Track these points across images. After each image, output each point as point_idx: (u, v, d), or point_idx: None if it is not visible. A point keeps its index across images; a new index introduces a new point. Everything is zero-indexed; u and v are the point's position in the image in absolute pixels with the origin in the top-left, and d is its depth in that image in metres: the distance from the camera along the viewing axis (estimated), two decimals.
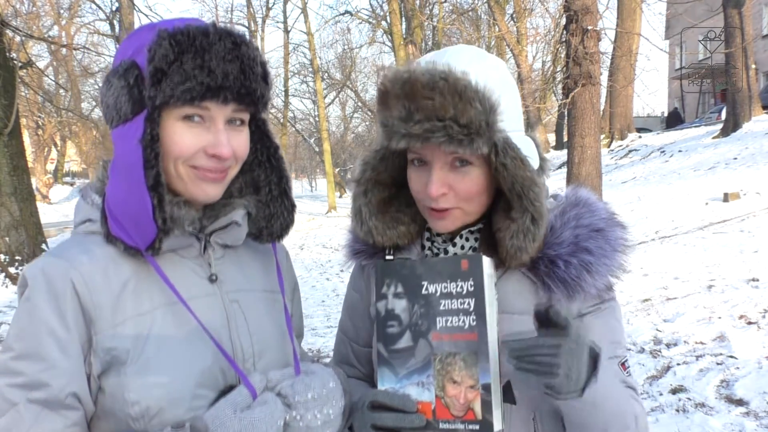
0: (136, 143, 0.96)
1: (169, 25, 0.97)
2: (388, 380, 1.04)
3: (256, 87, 1.01)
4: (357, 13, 28.00)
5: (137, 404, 0.95)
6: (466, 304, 0.99)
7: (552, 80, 22.01)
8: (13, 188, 8.43)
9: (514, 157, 1.02)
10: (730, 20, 14.56)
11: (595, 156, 8.33)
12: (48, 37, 19.42)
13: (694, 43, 27.25)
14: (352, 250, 1.29)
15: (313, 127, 36.51)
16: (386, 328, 1.06)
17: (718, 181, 10.40)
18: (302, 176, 60.59)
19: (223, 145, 1.00)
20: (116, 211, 0.99)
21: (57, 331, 0.94)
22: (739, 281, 5.32)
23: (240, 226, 1.10)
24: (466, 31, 22.46)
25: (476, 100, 0.98)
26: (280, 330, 1.15)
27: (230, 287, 1.10)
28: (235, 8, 50.24)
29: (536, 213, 1.03)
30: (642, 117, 32.79)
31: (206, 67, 0.95)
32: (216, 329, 1.04)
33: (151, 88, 0.95)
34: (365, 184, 1.18)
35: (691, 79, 28.13)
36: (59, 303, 0.95)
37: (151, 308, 1.00)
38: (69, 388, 0.94)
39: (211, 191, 1.04)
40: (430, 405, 1.00)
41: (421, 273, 1.04)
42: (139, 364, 0.97)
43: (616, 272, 1.09)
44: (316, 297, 8.40)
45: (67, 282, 0.96)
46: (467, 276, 0.99)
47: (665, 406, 3.63)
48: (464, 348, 0.98)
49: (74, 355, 0.95)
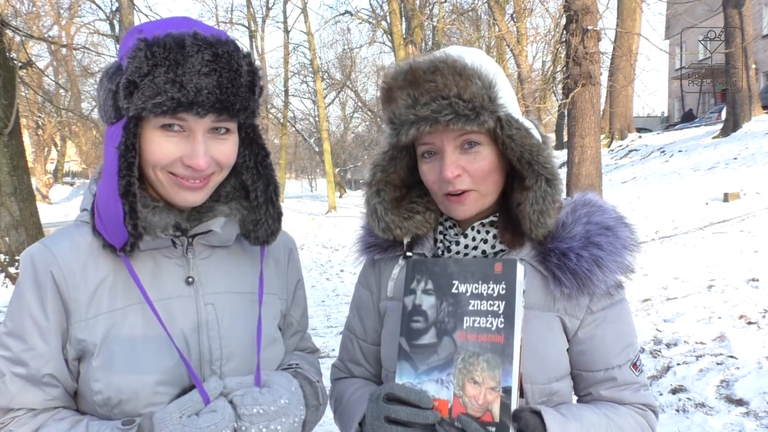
0: (113, 150, 0.99)
1: (149, 33, 0.97)
2: (407, 375, 1.04)
3: (235, 100, 0.99)
4: (357, 13, 28.00)
5: (100, 394, 1.02)
6: (496, 306, 0.99)
7: (552, 80, 22.01)
8: (13, 188, 8.43)
9: (519, 128, 1.07)
10: (730, 20, 14.56)
11: (595, 156, 8.33)
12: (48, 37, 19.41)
13: (694, 43, 27.25)
14: (365, 244, 1.30)
15: (313, 127, 36.51)
16: (411, 322, 1.06)
17: (718, 181, 10.40)
18: (302, 176, 60.59)
19: (199, 157, 1.00)
20: (100, 208, 1.04)
21: (37, 318, 1.03)
22: (739, 281, 5.32)
23: (218, 234, 1.11)
24: (466, 31, 22.46)
25: (476, 76, 1.03)
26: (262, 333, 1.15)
27: (208, 290, 1.11)
28: (235, 8, 50.36)
29: (549, 174, 1.07)
30: (642, 117, 32.81)
31: (178, 81, 0.94)
32: (185, 330, 1.07)
33: (123, 100, 0.96)
34: (377, 185, 1.21)
35: (691, 79, 28.13)
36: (41, 293, 1.03)
37: (125, 305, 1.05)
38: (45, 369, 1.03)
39: (191, 198, 1.06)
40: (447, 403, 0.99)
41: (453, 272, 1.04)
42: (103, 358, 1.02)
43: (625, 270, 1.11)
44: (316, 297, 8.40)
45: (48, 275, 1.03)
46: (500, 279, 1.00)
47: (665, 406, 3.63)
48: (489, 349, 0.98)
49: (52, 341, 1.03)
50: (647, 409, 1.16)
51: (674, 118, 32.11)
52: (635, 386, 1.16)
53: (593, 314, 1.13)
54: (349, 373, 1.34)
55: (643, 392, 1.17)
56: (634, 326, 1.21)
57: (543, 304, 1.12)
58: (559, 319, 1.12)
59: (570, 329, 1.13)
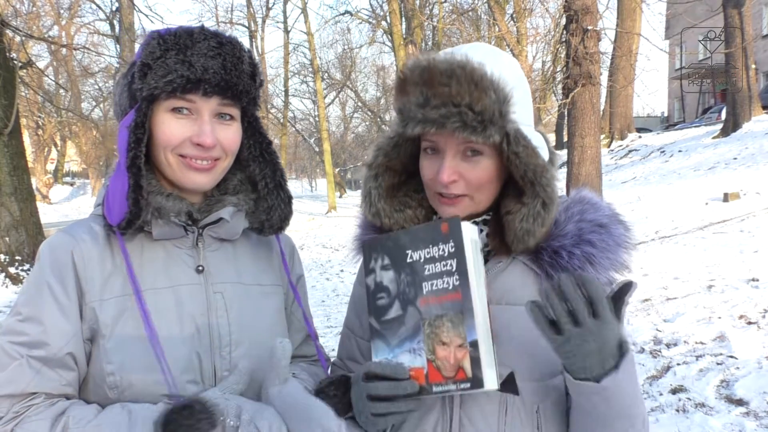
0: (124, 130, 1.07)
1: (164, 30, 1.09)
2: (382, 352, 1.05)
3: (238, 82, 1.09)
4: (357, 13, 28.01)
5: (112, 375, 1.05)
6: (449, 266, 0.99)
7: (552, 80, 22.02)
8: (13, 188, 8.43)
9: (526, 146, 1.06)
10: (730, 20, 14.56)
11: (595, 156, 8.33)
12: (48, 37, 19.41)
13: (694, 43, 27.25)
14: (361, 242, 1.29)
15: (313, 127, 36.51)
16: (376, 300, 1.07)
17: (718, 181, 10.40)
18: (302, 176, 60.61)
19: (207, 135, 1.08)
20: (108, 190, 1.10)
21: (59, 296, 1.05)
22: (739, 281, 5.32)
23: (228, 222, 1.16)
24: (466, 31, 22.46)
25: (491, 89, 1.02)
26: (267, 323, 1.21)
27: (217, 279, 1.16)
28: (235, 8, 50.29)
29: (547, 198, 1.06)
30: (642, 117, 32.82)
31: (187, 61, 1.04)
32: (195, 315, 1.11)
33: (138, 81, 1.06)
34: (377, 169, 1.21)
35: (691, 79, 28.13)
36: (62, 272, 1.07)
37: (137, 290, 1.08)
38: (67, 348, 1.04)
39: (200, 180, 1.12)
40: (422, 370, 1.00)
41: (405, 243, 1.05)
42: (117, 339, 1.06)
43: (619, 268, 1.10)
44: (316, 297, 8.40)
45: (68, 254, 1.08)
46: (447, 239, 1.00)
47: (665, 406, 3.63)
48: (450, 308, 0.98)
49: (73, 319, 1.06)
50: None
51: (674, 118, 32.11)
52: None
53: None
54: (348, 370, 1.33)
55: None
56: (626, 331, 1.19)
57: None
58: None
59: None
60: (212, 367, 1.10)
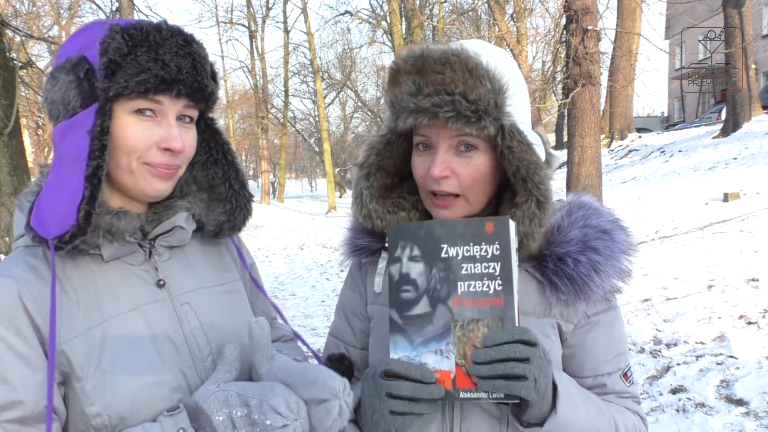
0: (84, 134, 0.96)
1: (120, 22, 0.99)
2: (402, 348, 0.98)
3: (207, 83, 1.04)
4: (357, 13, 27.99)
5: (98, 416, 0.96)
6: (491, 268, 0.94)
7: (552, 80, 22.02)
8: (13, 188, 8.42)
9: (521, 141, 1.01)
10: (730, 20, 14.55)
11: (595, 156, 8.32)
12: (48, 37, 19.40)
13: (694, 43, 27.25)
14: (352, 246, 1.26)
15: (313, 127, 36.50)
16: (400, 293, 0.99)
17: (718, 181, 10.40)
18: (302, 176, 60.58)
19: (176, 139, 1.01)
20: (43, 200, 0.98)
21: (19, 349, 0.93)
22: (739, 281, 5.32)
23: (184, 229, 1.10)
24: (466, 31, 22.46)
25: (486, 78, 0.98)
26: (240, 320, 1.14)
27: (180, 290, 1.10)
28: (235, 8, 50.37)
29: (541, 196, 1.02)
30: (642, 117, 32.80)
31: (160, 60, 0.96)
32: (168, 333, 1.04)
33: (104, 80, 0.95)
34: (368, 168, 1.16)
35: (691, 79, 28.11)
36: (14, 322, 0.93)
37: (102, 320, 1.00)
38: (44, 401, 0.93)
39: (161, 187, 1.04)
40: (449, 374, 0.94)
41: (440, 235, 0.97)
42: (96, 378, 0.96)
43: (622, 275, 1.08)
44: (316, 297, 8.40)
45: (16, 300, 0.94)
46: (492, 239, 0.94)
47: (665, 406, 3.63)
48: (488, 314, 0.93)
49: (42, 368, 0.94)
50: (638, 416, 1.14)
51: (674, 118, 32.10)
52: (625, 395, 1.13)
53: (588, 318, 1.11)
54: None
55: (634, 403, 1.14)
56: (626, 337, 1.18)
57: (539, 310, 1.08)
58: (555, 325, 1.09)
59: (564, 332, 1.10)
60: (199, 380, 1.04)
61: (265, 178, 32.61)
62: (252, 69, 32.66)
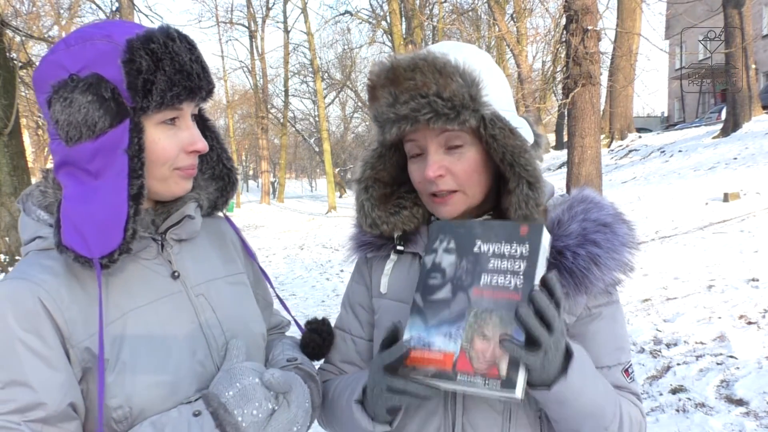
0: (120, 153, 0.97)
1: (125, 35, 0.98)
2: (417, 328, 1.01)
3: (211, 81, 1.08)
4: (357, 13, 28.00)
5: (120, 408, 0.98)
6: (517, 266, 0.97)
7: (552, 80, 22.03)
8: (13, 188, 8.42)
9: (503, 128, 1.04)
10: (730, 20, 14.56)
11: (595, 156, 8.33)
12: (48, 37, 19.40)
13: (694, 43, 27.25)
14: (357, 242, 1.28)
15: (313, 127, 36.50)
16: (428, 279, 1.03)
17: (718, 181, 10.40)
18: (302, 176, 60.58)
19: (201, 140, 1.07)
20: (77, 218, 0.97)
21: (39, 350, 0.94)
22: (739, 281, 5.32)
23: (193, 218, 1.14)
24: (466, 31, 22.46)
25: (457, 74, 1.01)
26: (250, 310, 1.21)
27: (193, 281, 1.13)
28: (235, 8, 50.38)
29: (530, 177, 1.04)
30: (642, 117, 32.82)
31: (184, 71, 1.00)
32: (186, 324, 1.07)
33: (136, 98, 0.97)
34: (366, 182, 1.20)
35: (691, 79, 28.12)
36: (34, 324, 0.95)
37: (121, 314, 1.02)
38: (66, 399, 0.95)
39: (188, 186, 1.11)
40: (452, 356, 0.96)
41: (477, 233, 1.02)
42: (117, 371, 0.98)
43: (623, 268, 1.08)
44: (316, 297, 8.40)
45: (36, 302, 0.95)
46: (524, 241, 0.98)
47: (665, 406, 3.63)
48: (504, 306, 0.95)
49: (62, 368, 0.96)
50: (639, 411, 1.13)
51: (674, 118, 32.10)
52: (626, 391, 1.13)
53: (589, 310, 1.12)
54: (341, 374, 1.30)
55: (635, 399, 1.14)
56: (627, 334, 1.19)
57: None
58: None
59: (567, 325, 1.11)
60: (216, 369, 1.08)
61: (265, 178, 32.64)
62: (252, 69, 32.69)
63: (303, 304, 8.00)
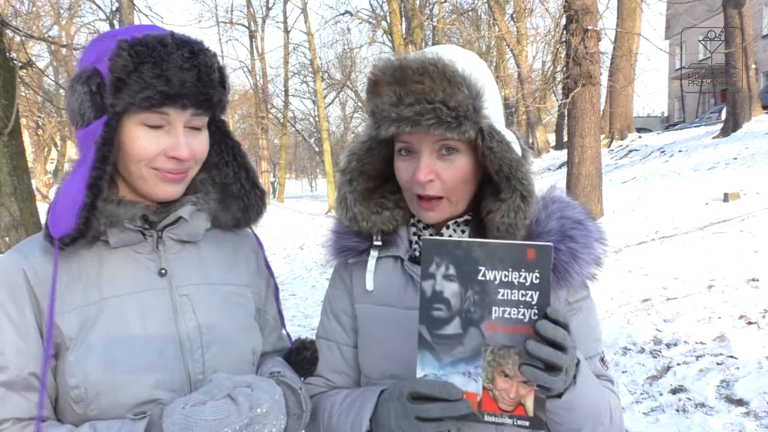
0: (91, 145, 1.03)
1: (128, 35, 1.03)
2: (430, 365, 0.97)
3: (213, 93, 1.08)
4: (357, 13, 28.00)
5: (76, 388, 1.02)
6: (529, 297, 0.93)
7: (552, 80, 22.02)
8: (13, 188, 8.41)
9: (500, 141, 1.07)
10: (730, 20, 14.55)
11: (595, 156, 8.34)
12: (48, 37, 19.40)
13: (694, 43, 27.24)
14: (338, 247, 1.27)
15: (313, 127, 36.49)
16: (432, 310, 0.98)
17: (718, 181, 10.39)
18: (302, 176, 60.60)
19: (182, 148, 1.07)
20: (57, 201, 1.05)
21: (14, 317, 1.02)
22: (739, 281, 5.31)
23: (187, 221, 1.15)
24: (466, 31, 22.47)
25: (464, 85, 1.03)
26: (239, 322, 1.18)
27: (182, 282, 1.14)
28: (235, 8, 50.40)
29: (525, 191, 1.08)
30: (642, 117, 32.82)
31: (164, 76, 1.01)
32: (161, 321, 1.09)
33: (112, 97, 1.02)
34: (350, 174, 1.21)
35: (691, 79, 28.11)
36: (14, 292, 1.03)
37: (100, 299, 1.06)
38: (28, 368, 1.01)
39: (171, 190, 1.11)
40: (475, 396, 0.95)
41: (479, 257, 0.95)
42: (80, 351, 1.02)
43: (597, 262, 1.13)
44: (315, 297, 8.40)
45: (19, 273, 1.04)
46: (533, 267, 0.93)
47: (665, 406, 3.63)
48: (521, 342, 0.92)
49: (32, 339, 1.03)
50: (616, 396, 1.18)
51: (674, 118, 32.10)
52: (604, 379, 1.18)
53: (570, 305, 1.16)
54: (329, 385, 1.28)
55: (611, 386, 1.19)
56: (600, 325, 1.25)
57: None
58: None
59: None
60: (185, 371, 1.08)
61: (265, 178, 32.62)
62: (252, 69, 32.67)
63: (303, 304, 8.00)
